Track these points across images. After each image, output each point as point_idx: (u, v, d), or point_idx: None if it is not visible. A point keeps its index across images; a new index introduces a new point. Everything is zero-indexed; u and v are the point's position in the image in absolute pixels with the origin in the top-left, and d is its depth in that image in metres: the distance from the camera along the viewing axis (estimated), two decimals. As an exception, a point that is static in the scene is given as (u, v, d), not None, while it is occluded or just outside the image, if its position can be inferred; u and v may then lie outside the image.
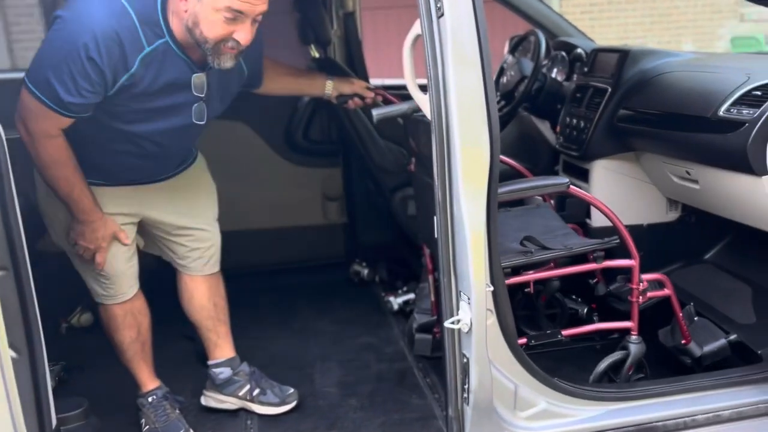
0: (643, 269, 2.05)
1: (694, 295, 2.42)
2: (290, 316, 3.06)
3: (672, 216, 2.65)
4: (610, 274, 2.24)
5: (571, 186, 1.92)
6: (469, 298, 1.67)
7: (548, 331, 2.05)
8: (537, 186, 1.92)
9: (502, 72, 3.21)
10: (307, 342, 2.81)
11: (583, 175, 2.65)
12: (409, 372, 2.48)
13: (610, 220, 1.99)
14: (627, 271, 2.05)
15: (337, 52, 3.22)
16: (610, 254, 2.09)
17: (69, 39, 1.66)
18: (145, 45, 1.72)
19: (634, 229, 2.65)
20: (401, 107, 1.84)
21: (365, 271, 3.33)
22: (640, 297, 1.98)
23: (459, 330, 1.71)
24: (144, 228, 2.14)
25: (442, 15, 1.58)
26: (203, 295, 2.23)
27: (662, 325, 2.28)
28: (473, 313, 1.66)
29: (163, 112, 1.84)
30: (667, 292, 2.04)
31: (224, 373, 2.27)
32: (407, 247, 3.17)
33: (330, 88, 2.28)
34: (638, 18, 7.69)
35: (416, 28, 1.68)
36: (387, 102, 2.30)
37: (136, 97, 1.77)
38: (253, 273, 3.39)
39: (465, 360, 1.72)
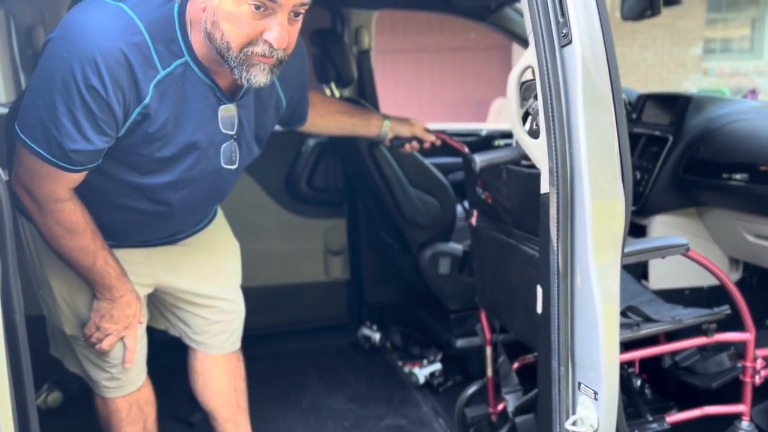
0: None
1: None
2: (296, 391, 2.63)
3: (734, 277, 2.42)
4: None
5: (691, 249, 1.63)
6: (595, 393, 1.33)
7: (650, 418, 1.73)
8: (658, 247, 1.62)
9: (527, 117, 2.96)
10: (324, 425, 2.39)
11: (638, 232, 2.40)
12: (457, 463, 2.12)
13: (728, 290, 1.72)
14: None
15: (349, 92, 2.90)
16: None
17: (60, 65, 1.24)
18: (159, 68, 1.30)
19: (695, 292, 2.43)
20: (509, 153, 1.54)
21: (377, 336, 2.95)
22: (756, 376, 1.70)
23: None
24: (152, 297, 1.72)
25: (569, 43, 1.29)
26: (222, 378, 1.81)
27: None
28: (601, 410, 1.33)
29: (185, 156, 1.41)
30: (783, 370, 1.77)
31: (243, 473, 1.84)
32: (427, 309, 2.82)
33: (387, 129, 1.95)
34: (609, 70, 7.73)
35: (527, 60, 1.37)
36: (446, 146, 1.99)
37: (151, 139, 1.35)
38: (246, 337, 2.96)
39: (588, 468, 1.37)
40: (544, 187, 1.37)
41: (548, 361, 1.42)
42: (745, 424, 1.75)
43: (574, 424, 1.36)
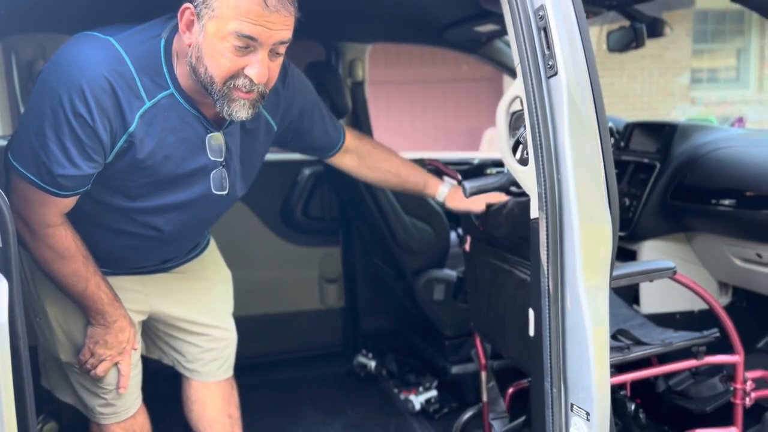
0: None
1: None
2: (292, 419, 2.63)
3: (723, 301, 2.46)
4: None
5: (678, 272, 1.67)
6: (587, 414, 1.35)
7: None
8: (645, 270, 1.66)
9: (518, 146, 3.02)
10: (320, 453, 2.40)
11: (627, 257, 2.44)
12: (453, 490, 2.11)
13: (716, 313, 1.75)
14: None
15: (343, 122, 2.96)
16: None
17: (49, 94, 1.30)
18: (145, 99, 1.35)
19: (685, 317, 2.46)
20: (498, 180, 1.58)
21: (372, 364, 2.95)
22: (746, 398, 1.72)
23: (569, 452, 1.39)
24: (145, 326, 1.74)
25: (555, 74, 1.35)
26: (216, 406, 1.82)
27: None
28: (594, 431, 1.35)
29: (175, 183, 1.46)
30: (772, 391, 1.79)
31: (240, 503, 1.84)
32: (423, 335, 2.84)
33: (442, 198, 1.88)
34: (598, 99, 7.88)
35: (515, 90, 1.43)
36: (440, 173, 2.03)
37: (139, 166, 1.40)
38: (242, 366, 2.96)
39: (582, 490, 1.39)
40: (534, 212, 1.41)
41: (541, 383, 1.44)
42: (737, 446, 1.77)
43: (567, 445, 1.38)
